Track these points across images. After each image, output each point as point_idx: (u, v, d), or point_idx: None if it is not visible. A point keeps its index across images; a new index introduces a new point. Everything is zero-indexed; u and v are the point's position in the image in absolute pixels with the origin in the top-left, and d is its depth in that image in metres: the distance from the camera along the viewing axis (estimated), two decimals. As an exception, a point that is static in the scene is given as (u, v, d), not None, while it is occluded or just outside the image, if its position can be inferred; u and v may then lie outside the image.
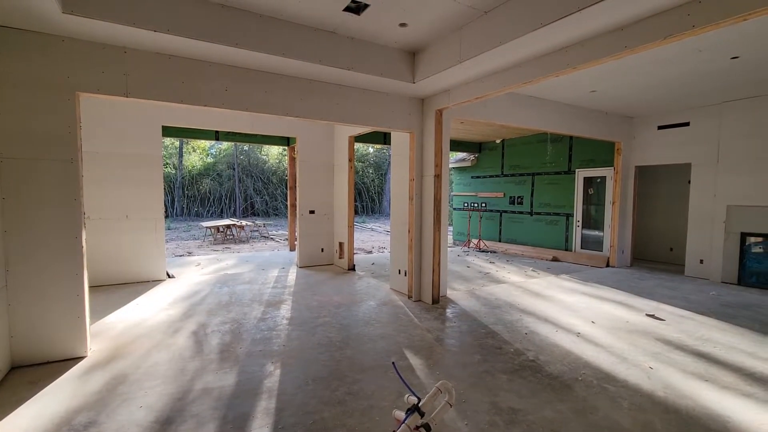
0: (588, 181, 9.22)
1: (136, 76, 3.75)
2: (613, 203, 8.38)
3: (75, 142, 3.52)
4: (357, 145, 28.97)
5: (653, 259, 9.27)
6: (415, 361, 3.61)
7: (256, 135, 9.20)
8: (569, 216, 9.49)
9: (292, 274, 7.35)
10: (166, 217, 23.27)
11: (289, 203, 10.74)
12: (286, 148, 11.64)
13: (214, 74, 4.12)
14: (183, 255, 10.84)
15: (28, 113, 3.35)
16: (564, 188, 9.59)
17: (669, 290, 6.33)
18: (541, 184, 10.15)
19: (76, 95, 3.54)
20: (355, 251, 11.32)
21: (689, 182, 7.66)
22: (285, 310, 5.10)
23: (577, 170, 9.31)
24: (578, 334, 4.33)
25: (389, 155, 28.00)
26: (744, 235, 6.82)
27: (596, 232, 9.06)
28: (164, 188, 23.88)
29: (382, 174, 29.36)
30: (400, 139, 6.08)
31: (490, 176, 11.63)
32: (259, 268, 8.02)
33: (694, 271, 7.47)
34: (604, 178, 8.86)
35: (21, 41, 3.30)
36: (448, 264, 6.19)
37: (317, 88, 4.74)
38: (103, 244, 6.28)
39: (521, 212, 10.69)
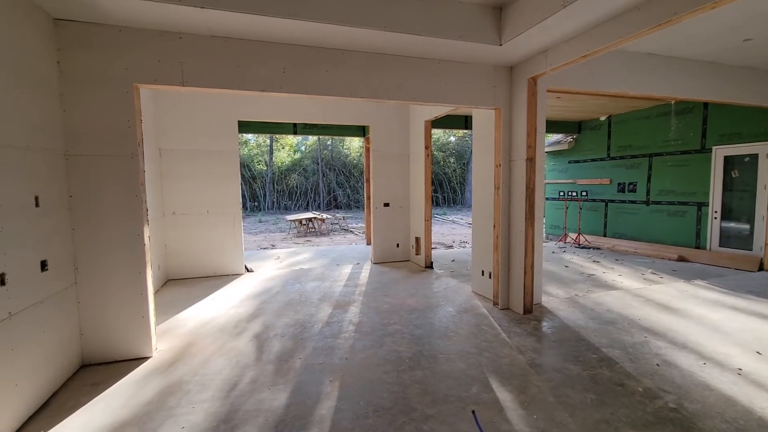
0: (730, 161, 7.25)
1: (192, 63, 3.51)
2: (771, 188, 6.42)
3: (135, 137, 3.40)
4: (437, 134, 28.03)
5: (831, 261, 6.97)
6: (503, 395, 2.84)
7: (332, 126, 8.98)
8: (702, 205, 7.60)
9: (366, 271, 6.94)
10: (258, 210, 25.01)
11: (365, 196, 10.42)
12: (363, 139, 11.35)
13: (270, 55, 3.74)
14: (267, 248, 11.21)
15: (90, 109, 3.28)
16: (695, 171, 7.70)
17: None
18: (661, 167, 8.31)
19: (135, 87, 3.41)
20: (433, 246, 10.62)
21: None
22: (353, 314, 4.64)
23: (714, 148, 7.37)
24: (739, 371, 3.12)
25: (471, 142, 26.44)
26: None
27: (741, 225, 7.10)
28: (258, 184, 25.57)
29: (464, 163, 27.99)
30: (483, 118, 5.20)
31: (593, 160, 9.96)
32: (333, 263, 7.78)
33: None
34: (755, 157, 6.86)
35: (81, 35, 3.23)
36: (542, 264, 5.18)
37: (384, 63, 4.13)
38: (186, 238, 6.51)
39: (634, 201, 8.93)
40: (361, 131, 9.63)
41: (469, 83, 4.50)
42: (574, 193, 10.32)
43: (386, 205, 7.69)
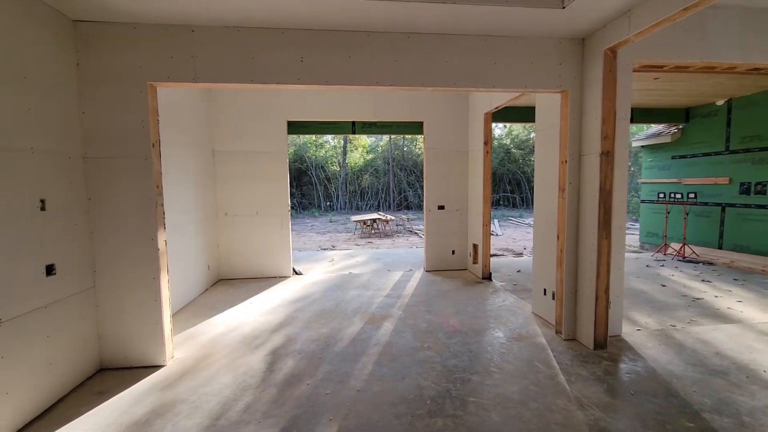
0: None
1: (204, 57, 3.30)
2: None
3: (148, 138, 3.28)
4: (516, 130, 26.13)
5: None
6: (543, 474, 2.09)
7: (392, 124, 8.42)
8: None
9: (415, 280, 6.35)
10: (331, 210, 25.67)
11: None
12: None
13: (286, 43, 3.38)
14: (327, 248, 11.17)
15: (106, 110, 3.23)
16: None
17: None
18: (806, 162, 6.38)
19: (150, 86, 3.29)
20: (500, 253, 9.60)
21: None
22: (384, 332, 4.11)
23: None
24: None
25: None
26: None
27: None
28: (333, 185, 26.21)
29: (545, 161, 25.60)
30: (546, 105, 4.31)
31: (705, 154, 8.11)
32: (385, 268, 7.33)
33: None
34: None
35: (98, 35, 3.18)
36: (629, 280, 4.10)
37: (416, 44, 3.53)
38: (237, 239, 6.56)
39: (763, 206, 7.02)
40: (422, 128, 9.02)
41: (526, 62, 3.68)
42: (679, 195, 8.52)
43: (441, 207, 7.01)
